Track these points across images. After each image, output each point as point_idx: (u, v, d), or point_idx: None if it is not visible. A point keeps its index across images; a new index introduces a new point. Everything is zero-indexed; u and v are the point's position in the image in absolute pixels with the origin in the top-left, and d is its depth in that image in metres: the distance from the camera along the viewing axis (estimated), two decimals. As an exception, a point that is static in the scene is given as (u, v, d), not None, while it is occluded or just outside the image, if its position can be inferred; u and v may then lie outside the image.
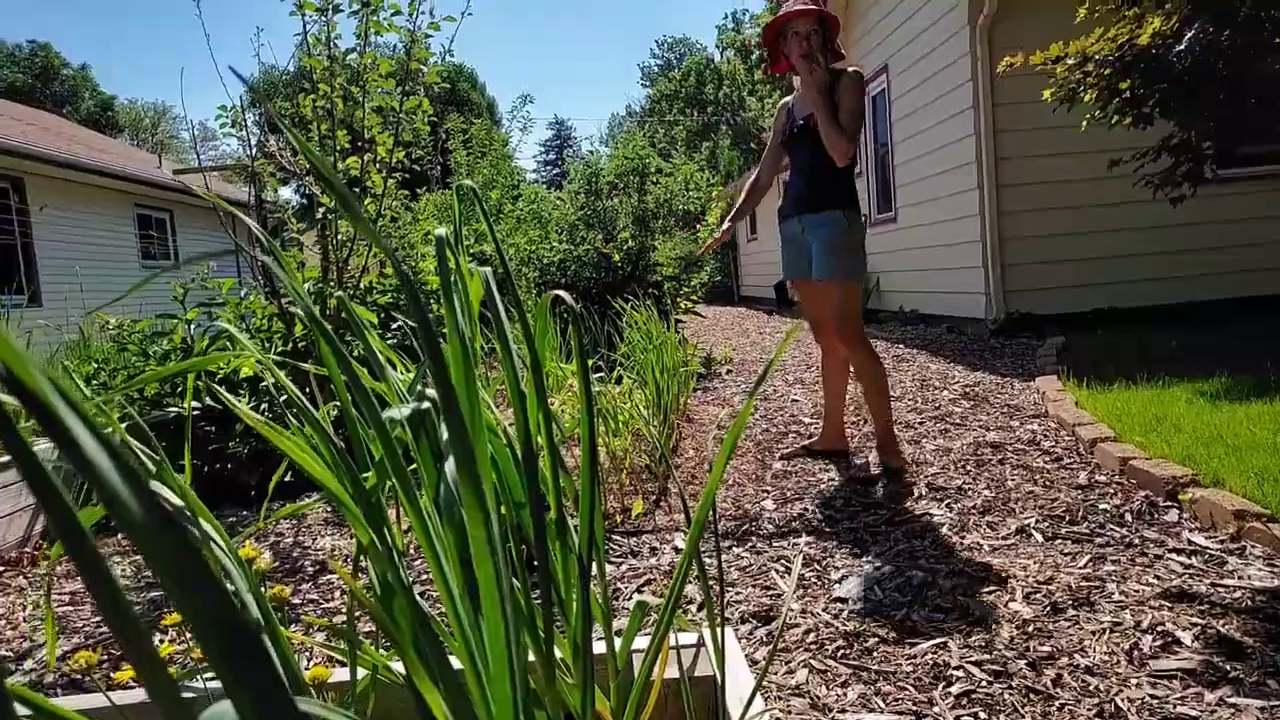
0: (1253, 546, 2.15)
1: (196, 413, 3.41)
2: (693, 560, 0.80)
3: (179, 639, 1.90)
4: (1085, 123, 4.82)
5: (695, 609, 2.03)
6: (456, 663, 0.73)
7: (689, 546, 0.78)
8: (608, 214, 7.27)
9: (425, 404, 0.61)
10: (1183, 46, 4.09)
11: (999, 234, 6.64)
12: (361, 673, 0.92)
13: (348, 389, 0.79)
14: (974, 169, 6.68)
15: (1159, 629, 1.76)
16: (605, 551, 2.24)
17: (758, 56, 30.53)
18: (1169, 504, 2.51)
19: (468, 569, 0.56)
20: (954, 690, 1.58)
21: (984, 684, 1.59)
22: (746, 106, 34.32)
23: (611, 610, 1.12)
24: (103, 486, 0.25)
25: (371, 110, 3.89)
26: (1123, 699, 1.51)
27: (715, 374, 6.08)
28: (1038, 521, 2.48)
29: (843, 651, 1.77)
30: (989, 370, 5.12)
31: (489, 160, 9.57)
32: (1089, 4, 4.55)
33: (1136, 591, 1.96)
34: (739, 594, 2.13)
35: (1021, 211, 6.61)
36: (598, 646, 1.04)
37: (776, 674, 1.70)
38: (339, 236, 3.92)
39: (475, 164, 9.37)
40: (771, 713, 1.54)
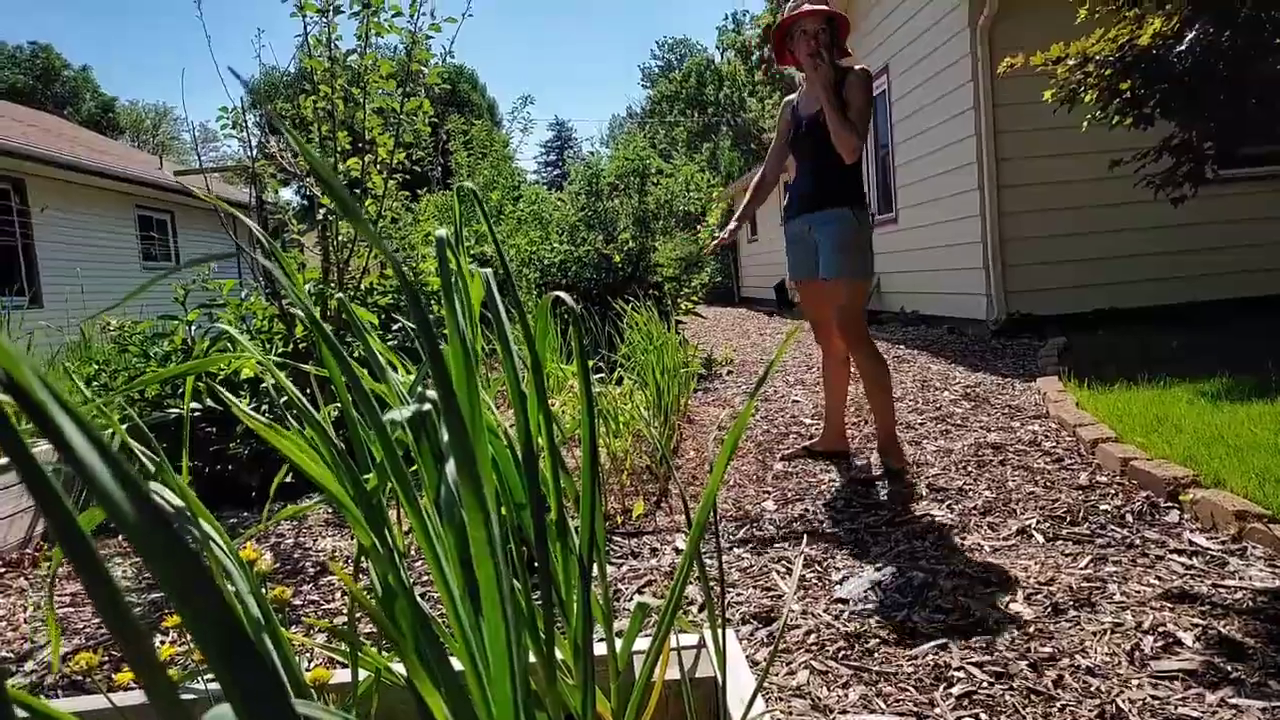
0: (1254, 547, 2.15)
1: (197, 414, 3.41)
2: (693, 562, 0.79)
3: (179, 641, 1.90)
4: (1086, 123, 4.82)
5: (696, 610, 2.03)
6: (457, 664, 0.73)
7: (690, 548, 0.78)
8: (608, 215, 7.27)
9: (426, 406, 0.61)
10: (1183, 47, 4.09)
11: (1000, 235, 6.64)
12: (363, 674, 0.91)
13: (348, 390, 0.79)
14: (975, 170, 6.68)
15: (1160, 630, 1.76)
16: (606, 552, 2.23)
17: (758, 57, 30.52)
18: (1170, 505, 2.50)
19: (468, 570, 0.56)
20: (955, 691, 1.58)
21: (985, 685, 1.59)
22: (747, 107, 34.33)
23: (612, 611, 1.12)
24: (98, 488, 0.25)
25: (372, 111, 3.90)
26: (1124, 700, 1.51)
27: (716, 375, 6.08)
28: (1039, 522, 2.48)
29: (844, 652, 1.77)
30: (990, 371, 5.11)
31: (490, 161, 9.57)
32: (1089, 5, 4.55)
33: (1138, 592, 1.95)
34: (739, 595, 2.13)
35: (1022, 212, 6.61)
36: (598, 648, 1.04)
37: (777, 675, 1.70)
38: (339, 238, 3.92)
39: (476, 165, 9.37)
40: (772, 714, 1.54)
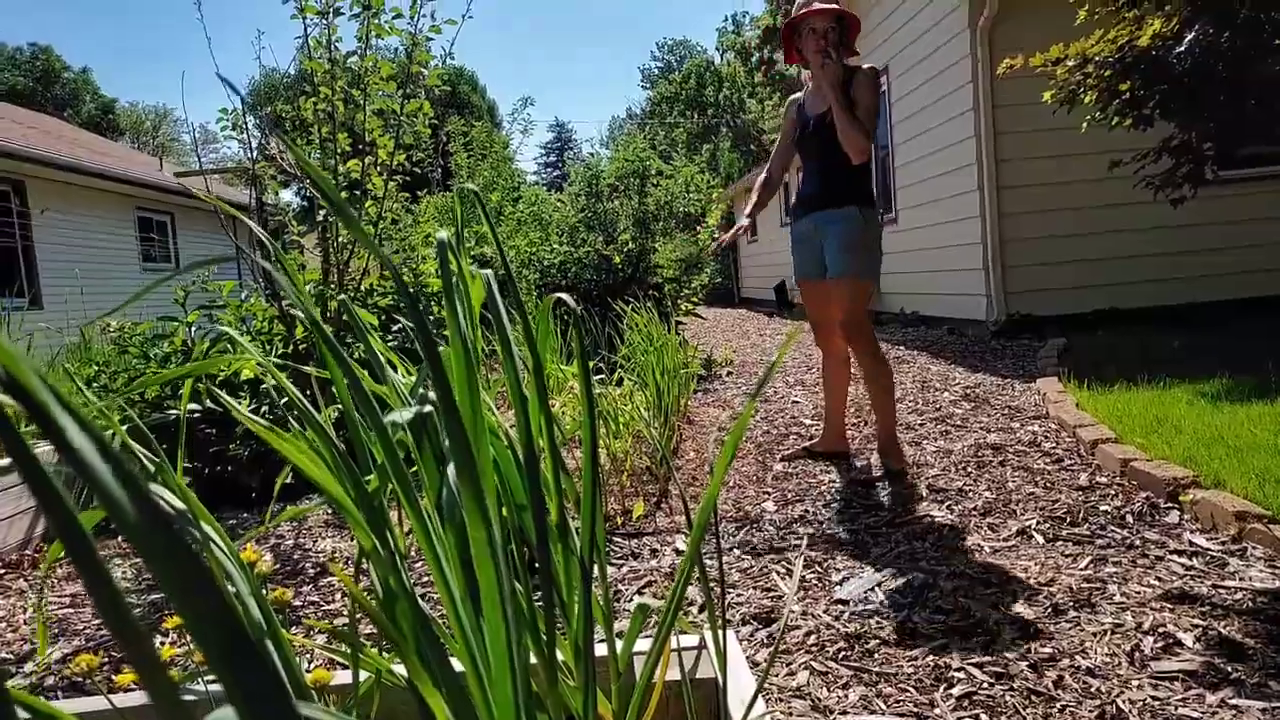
0: (1254, 548, 2.15)
1: (197, 415, 3.41)
2: (694, 564, 0.79)
3: (180, 642, 1.90)
4: (1085, 124, 4.83)
5: (696, 611, 2.03)
6: (457, 665, 0.73)
7: (690, 550, 0.78)
8: (608, 216, 7.27)
9: (427, 408, 0.61)
10: (1183, 48, 4.09)
11: (999, 235, 6.64)
12: (364, 675, 0.91)
13: (349, 392, 0.79)
14: (974, 170, 6.68)
15: (1160, 630, 1.76)
16: (606, 553, 2.23)
17: (758, 59, 30.53)
18: (1170, 505, 2.50)
19: (469, 572, 0.56)
20: (955, 692, 1.58)
21: (985, 686, 1.59)
22: (747, 109, 34.34)
23: (613, 612, 1.12)
24: (100, 489, 0.25)
25: (372, 113, 3.90)
26: (1124, 700, 1.51)
27: (716, 376, 6.08)
28: (1039, 523, 2.48)
29: (844, 653, 1.77)
30: (990, 372, 5.11)
31: (490, 162, 9.57)
32: (1089, 6, 4.55)
33: (1138, 593, 1.95)
34: (739, 596, 2.13)
35: (1022, 213, 6.61)
36: (599, 648, 1.04)
37: (778, 676, 1.70)
38: (339, 239, 3.92)
39: (476, 166, 9.37)
40: (773, 714, 1.54)
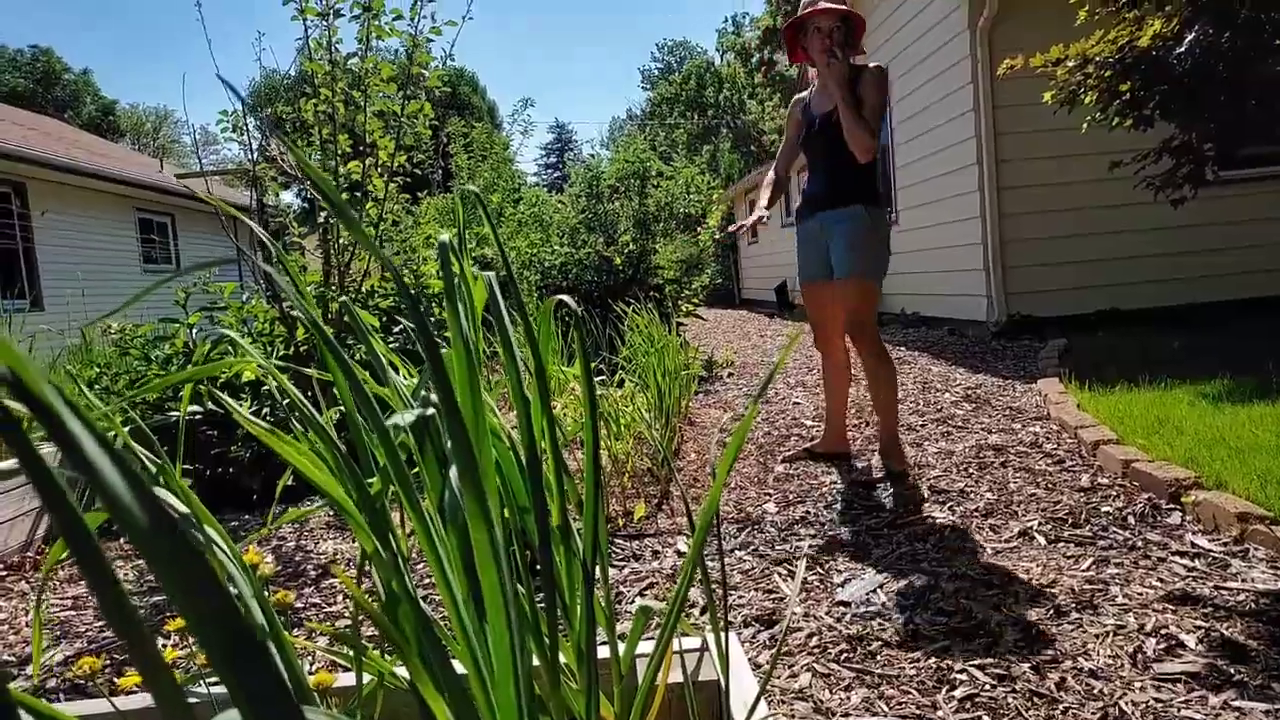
0: (1256, 549, 2.14)
1: (198, 417, 3.41)
2: (696, 566, 0.79)
3: (181, 644, 1.90)
4: (1086, 125, 4.83)
5: (698, 612, 2.03)
6: (459, 667, 0.73)
7: (692, 553, 0.77)
8: (609, 217, 7.27)
9: (430, 410, 0.61)
10: (1183, 49, 4.09)
11: (1000, 236, 6.64)
12: (366, 677, 0.91)
13: (351, 394, 0.79)
14: (975, 171, 6.68)
15: (1162, 632, 1.75)
16: (608, 555, 2.23)
17: (758, 60, 30.54)
18: (1172, 506, 2.50)
19: (472, 575, 0.56)
20: (957, 694, 1.58)
21: (987, 688, 1.59)
22: (747, 110, 34.36)
23: (614, 614, 1.12)
24: (107, 493, 0.25)
25: (373, 114, 3.90)
26: (1126, 702, 1.51)
27: (716, 377, 6.08)
28: (1040, 524, 2.47)
29: (846, 655, 1.77)
30: (991, 373, 5.11)
31: (490, 164, 9.57)
32: (1089, 6, 4.55)
33: (1140, 594, 1.95)
34: (741, 597, 2.13)
35: (1022, 214, 6.61)
36: (601, 651, 1.04)
37: (780, 678, 1.69)
38: (340, 240, 3.92)
39: (476, 168, 9.37)
40: (775, 717, 1.54)
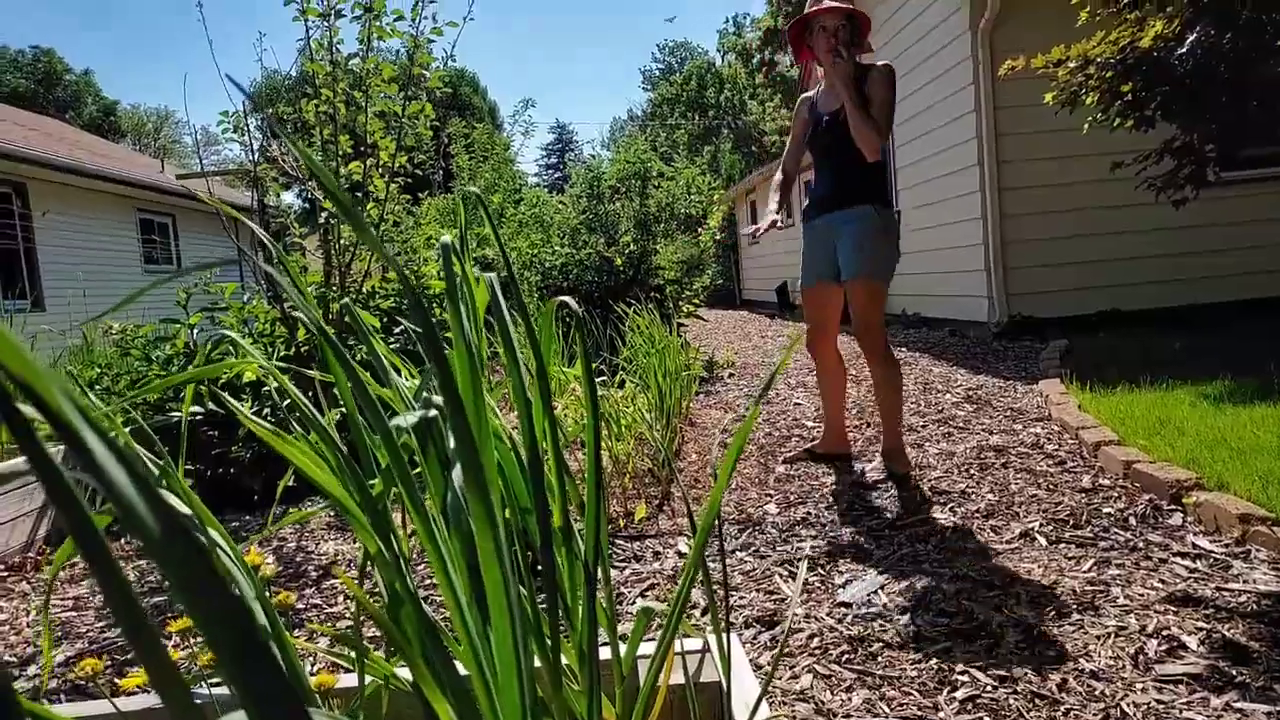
0: (1257, 550, 2.14)
1: (199, 417, 3.41)
2: (698, 568, 0.80)
3: (183, 645, 1.90)
4: (1087, 126, 4.83)
5: (699, 613, 2.03)
6: (461, 668, 0.73)
7: (694, 555, 0.78)
8: (609, 218, 7.27)
9: (432, 412, 0.61)
10: (1184, 49, 4.10)
11: (1001, 237, 6.64)
12: (368, 678, 0.91)
13: (353, 395, 0.79)
14: (976, 172, 6.68)
15: (1164, 633, 1.75)
16: (609, 556, 2.23)
17: (759, 60, 30.54)
18: (1173, 507, 2.50)
19: (475, 577, 0.56)
20: (959, 695, 1.58)
21: (989, 689, 1.59)
22: (748, 110, 34.38)
23: (616, 615, 1.12)
24: (121, 500, 0.25)
25: (374, 115, 3.90)
26: (1128, 704, 1.51)
27: (717, 377, 6.08)
28: (1041, 525, 2.47)
29: (847, 656, 1.77)
30: (992, 373, 5.11)
31: (491, 164, 9.57)
32: (1090, 7, 4.56)
33: (1141, 596, 1.95)
34: (742, 598, 2.13)
35: (1024, 214, 6.61)
36: (603, 652, 1.04)
37: (781, 679, 1.70)
38: (341, 241, 3.93)
39: (477, 168, 9.37)
40: (777, 718, 1.54)
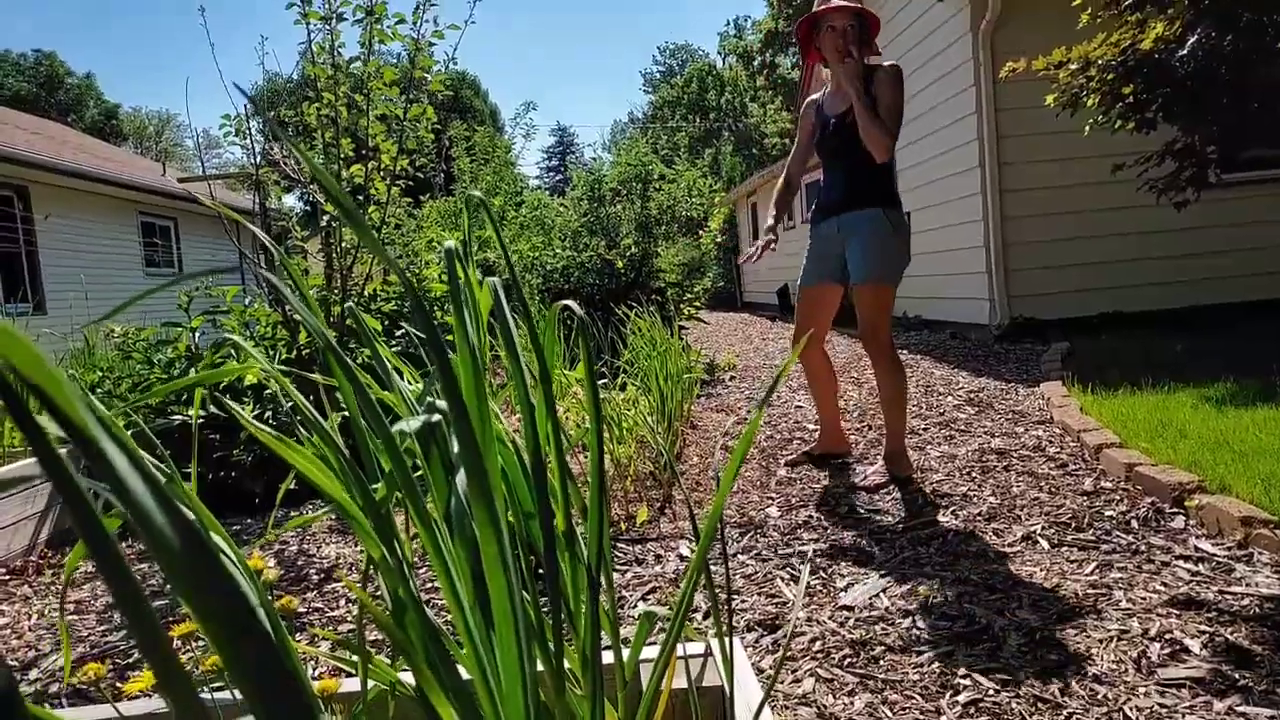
0: (1260, 553, 2.14)
1: (201, 420, 3.42)
2: (701, 572, 0.80)
3: (182, 649, 1.90)
4: (1088, 127, 4.83)
5: (701, 617, 2.03)
6: (464, 672, 0.73)
7: (697, 559, 0.78)
8: (611, 220, 7.28)
9: (436, 417, 0.61)
10: (1185, 51, 4.10)
11: (1002, 239, 6.64)
12: (371, 683, 0.92)
13: (355, 399, 0.79)
14: (977, 174, 6.69)
15: (1167, 637, 1.75)
16: (611, 559, 2.23)
17: (760, 62, 30.58)
18: (1175, 510, 2.50)
19: (479, 582, 0.56)
20: (961, 699, 1.57)
21: (991, 693, 1.59)
22: (749, 113, 34.41)
23: (618, 619, 1.12)
24: (137, 508, 0.25)
25: (375, 118, 3.91)
26: (1131, 708, 1.50)
27: (719, 380, 6.08)
28: (1044, 528, 2.47)
29: (849, 660, 1.77)
30: (993, 376, 5.11)
31: (492, 167, 9.59)
32: (1091, 9, 4.56)
33: (1144, 599, 1.95)
34: (744, 602, 2.13)
35: (1025, 216, 6.62)
36: (605, 656, 1.04)
37: (783, 683, 1.69)
38: (343, 244, 3.93)
39: (479, 171, 9.39)
40: (779, 722, 1.54)
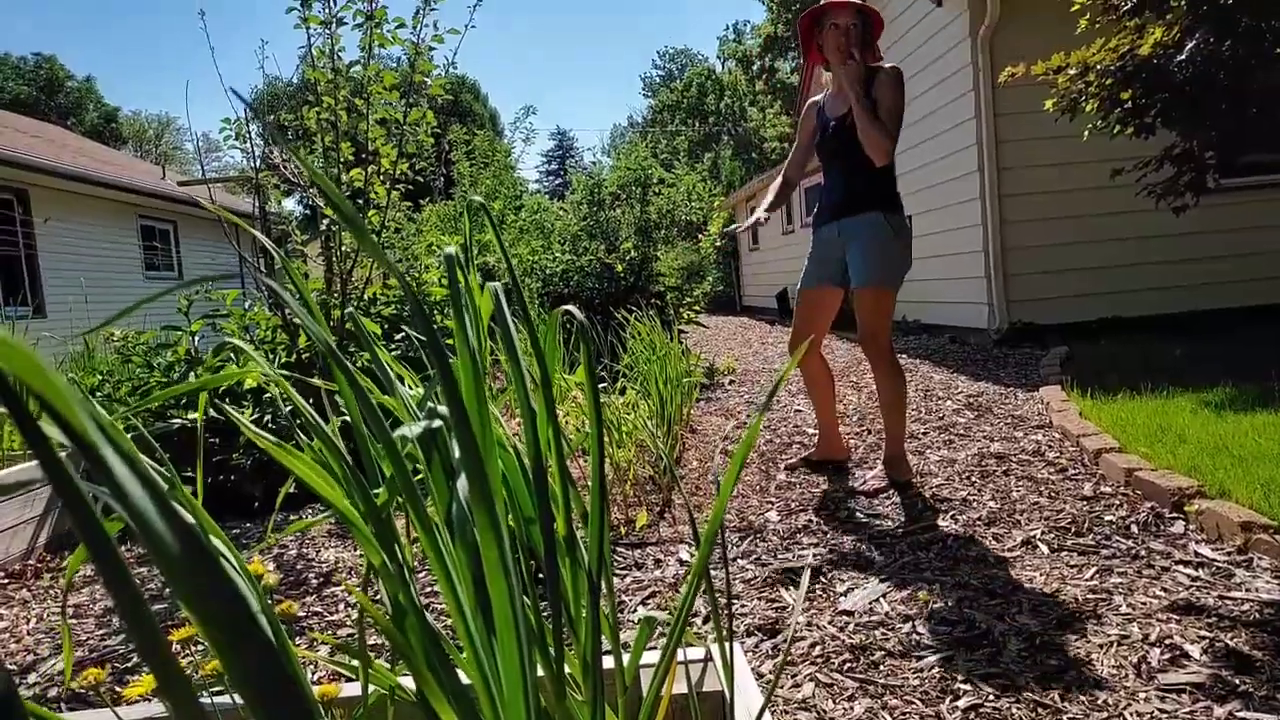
0: (1260, 558, 2.14)
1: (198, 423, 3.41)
2: (702, 579, 0.80)
3: (182, 654, 1.90)
4: (1087, 132, 4.84)
5: (700, 622, 2.03)
6: (464, 677, 0.73)
7: (698, 566, 0.78)
8: (610, 224, 7.29)
9: (437, 422, 0.61)
10: (1184, 57, 4.11)
11: (1001, 244, 6.65)
12: (371, 687, 0.91)
13: (356, 403, 0.79)
14: (976, 178, 6.70)
15: (1167, 642, 1.75)
16: (611, 565, 2.23)
17: (759, 67, 30.64)
18: (1175, 515, 2.50)
19: (480, 588, 0.56)
20: (961, 704, 1.57)
21: (991, 698, 1.59)
22: (748, 117, 34.47)
23: (618, 624, 1.12)
24: (138, 516, 0.25)
25: (375, 122, 3.91)
26: (1131, 713, 1.50)
27: (718, 384, 6.08)
28: (1043, 533, 2.47)
29: (849, 665, 1.76)
30: (992, 380, 5.11)
31: (492, 171, 9.60)
32: (1090, 15, 4.57)
33: (1144, 604, 1.95)
34: (744, 606, 2.13)
35: (1024, 221, 6.63)
36: (605, 661, 1.03)
37: (783, 688, 1.69)
38: (343, 248, 3.93)
39: (478, 175, 9.40)
40: (778, 727, 1.54)
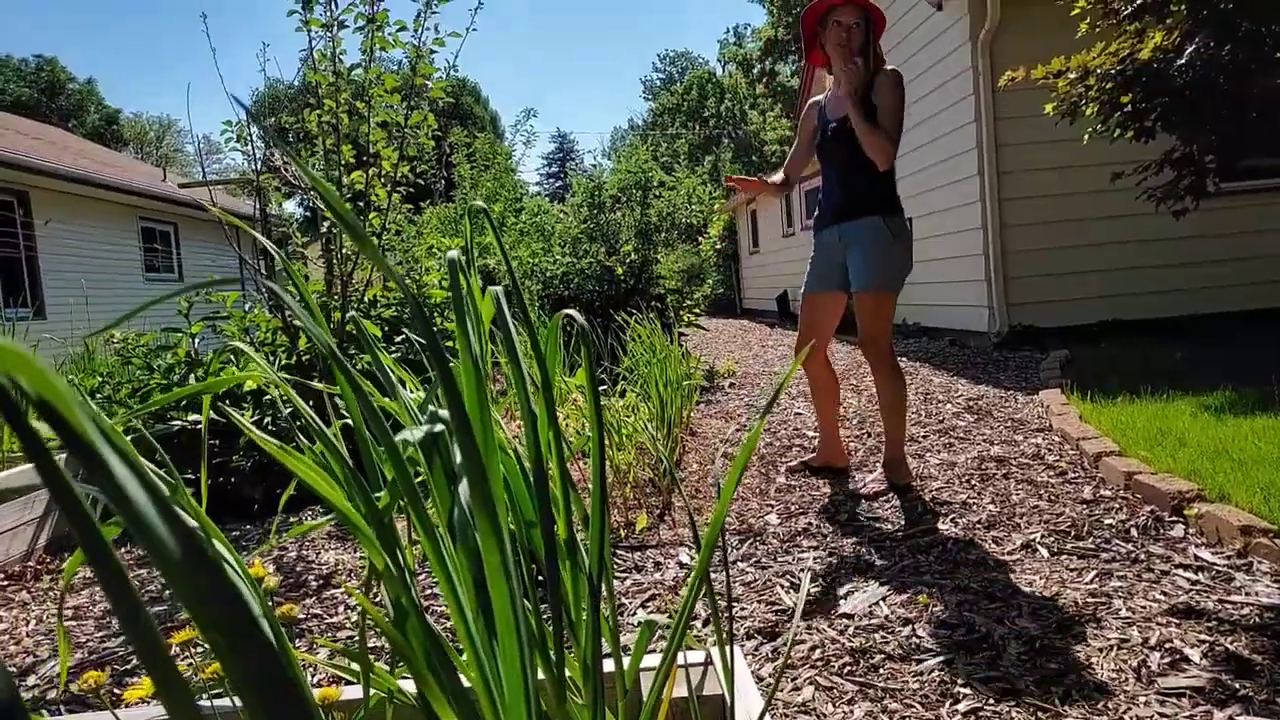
0: (1260, 562, 2.14)
1: (199, 426, 3.41)
2: (703, 582, 0.80)
3: (181, 657, 1.90)
4: (1087, 136, 4.85)
5: (700, 625, 2.03)
6: (465, 680, 0.73)
7: (699, 570, 0.78)
8: (610, 227, 7.30)
9: (439, 426, 0.61)
10: (1184, 61, 4.11)
11: (1001, 247, 6.65)
12: (371, 690, 0.91)
13: (357, 406, 0.79)
14: (976, 182, 6.70)
15: (1166, 646, 1.75)
16: (611, 567, 2.23)
17: (759, 70, 30.67)
18: (1175, 519, 2.50)
19: (482, 591, 0.56)
20: (961, 708, 1.57)
21: (991, 702, 1.59)
22: (748, 120, 34.51)
23: (618, 627, 1.12)
24: (138, 520, 0.25)
25: (376, 125, 3.92)
26: (1131, 717, 1.50)
27: (718, 387, 6.08)
28: (1043, 536, 2.47)
29: (849, 668, 1.76)
30: (992, 383, 5.11)
31: (492, 174, 9.61)
32: (1090, 19, 4.58)
33: (1143, 608, 1.95)
34: (744, 609, 2.12)
35: (1024, 224, 6.63)
36: (606, 665, 1.03)
37: (783, 691, 1.69)
38: (343, 250, 3.94)
39: (479, 177, 9.41)
40: (778, 730, 1.53)
